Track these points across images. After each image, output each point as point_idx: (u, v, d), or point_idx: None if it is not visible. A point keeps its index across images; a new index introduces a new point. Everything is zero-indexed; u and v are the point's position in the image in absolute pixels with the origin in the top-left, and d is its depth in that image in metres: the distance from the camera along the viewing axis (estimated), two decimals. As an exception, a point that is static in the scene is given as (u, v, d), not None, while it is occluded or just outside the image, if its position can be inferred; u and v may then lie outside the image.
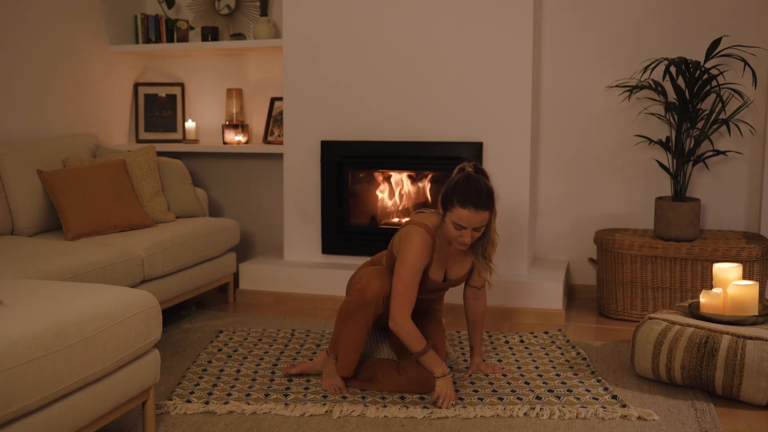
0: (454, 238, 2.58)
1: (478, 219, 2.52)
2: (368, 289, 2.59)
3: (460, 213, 2.51)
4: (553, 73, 4.12)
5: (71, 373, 1.92)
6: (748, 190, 3.91)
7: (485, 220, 2.55)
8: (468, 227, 2.53)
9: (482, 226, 2.57)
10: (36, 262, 2.82)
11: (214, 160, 4.76)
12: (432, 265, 2.68)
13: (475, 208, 2.51)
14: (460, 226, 2.53)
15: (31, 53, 3.92)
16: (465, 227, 2.53)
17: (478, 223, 2.54)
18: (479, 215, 2.52)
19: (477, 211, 2.51)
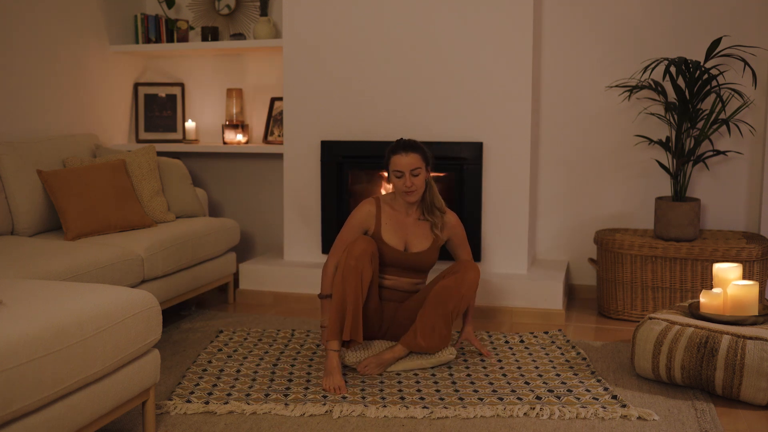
0: (400, 188, 2.94)
1: (409, 160, 2.91)
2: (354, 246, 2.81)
3: (394, 160, 2.93)
4: (553, 73, 4.12)
5: (71, 373, 1.92)
6: (748, 190, 3.91)
7: (418, 161, 2.92)
8: (405, 170, 2.90)
9: (417, 168, 2.91)
10: (36, 262, 2.82)
11: (214, 160, 4.76)
12: (384, 229, 2.99)
13: (404, 151, 2.92)
14: (399, 172, 2.92)
15: (31, 53, 3.92)
16: (403, 171, 2.90)
17: (412, 164, 2.90)
18: (409, 156, 2.91)
19: (406, 153, 2.92)
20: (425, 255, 3.03)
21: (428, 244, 3.03)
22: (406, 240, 3.03)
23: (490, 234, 3.90)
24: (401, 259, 3.00)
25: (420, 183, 2.95)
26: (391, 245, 2.99)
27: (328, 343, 2.79)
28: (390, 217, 3.03)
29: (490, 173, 3.86)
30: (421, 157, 2.95)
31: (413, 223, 3.05)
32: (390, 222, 3.02)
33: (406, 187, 2.93)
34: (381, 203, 3.05)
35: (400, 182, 2.94)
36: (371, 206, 3.04)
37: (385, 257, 2.98)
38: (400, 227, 3.02)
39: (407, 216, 3.05)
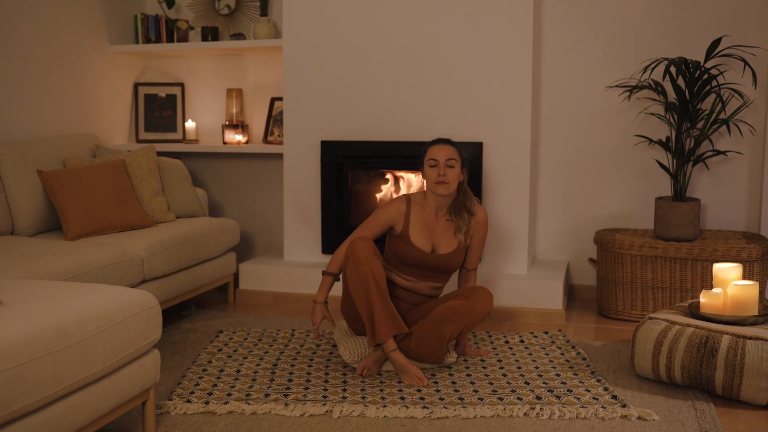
0: (432, 178, 2.92)
1: (445, 151, 2.93)
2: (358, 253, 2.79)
3: (430, 151, 2.96)
4: (553, 73, 4.12)
5: (71, 373, 1.92)
6: (748, 190, 3.91)
7: (454, 154, 2.94)
8: (440, 160, 2.91)
9: (452, 160, 2.92)
10: (36, 262, 2.82)
11: (214, 160, 4.76)
12: (412, 229, 2.96)
13: (442, 143, 2.98)
14: (434, 160, 2.92)
15: (31, 53, 3.92)
16: (438, 160, 2.91)
17: (447, 155, 2.92)
18: (446, 148, 2.95)
19: (444, 144, 2.97)
20: (451, 257, 2.99)
21: (455, 246, 3.00)
22: (434, 241, 2.99)
23: (490, 234, 3.89)
24: (427, 261, 2.96)
25: (453, 177, 2.92)
26: (418, 246, 2.95)
27: (386, 346, 2.78)
28: (419, 218, 2.99)
29: (490, 173, 3.86)
30: (458, 153, 2.96)
31: (442, 225, 3.01)
32: (419, 222, 2.98)
33: (439, 176, 2.89)
34: (412, 202, 3.01)
35: (433, 171, 2.91)
36: (402, 204, 3.00)
37: (410, 258, 2.95)
38: (428, 228, 2.99)
39: (436, 218, 3.01)
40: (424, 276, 3.01)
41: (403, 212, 2.99)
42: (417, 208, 3.00)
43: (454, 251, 2.99)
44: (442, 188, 2.91)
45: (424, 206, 3.02)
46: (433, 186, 2.93)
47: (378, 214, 3.02)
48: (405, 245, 2.95)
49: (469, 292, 2.89)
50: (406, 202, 3.01)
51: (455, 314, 2.81)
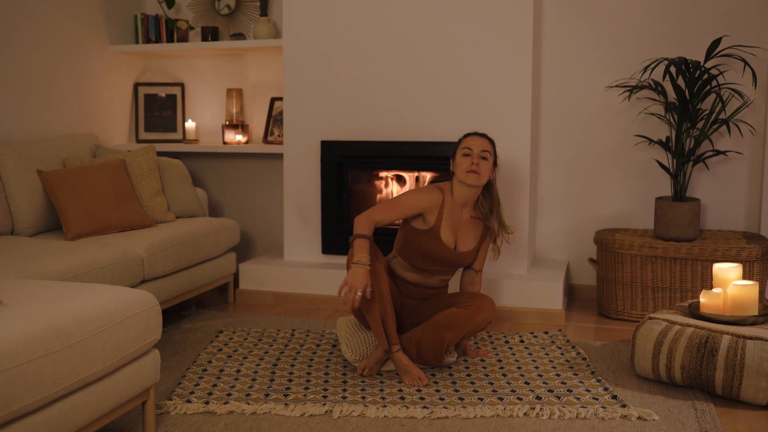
0: (465, 167, 2.87)
1: (481, 143, 2.91)
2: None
3: (466, 141, 2.94)
4: (553, 73, 4.12)
5: (71, 373, 1.92)
6: (748, 190, 3.91)
7: (488, 146, 2.93)
8: (474, 150, 2.88)
9: (487, 152, 2.90)
10: (36, 262, 2.82)
11: (214, 160, 4.76)
12: (443, 224, 2.91)
13: (477, 135, 2.96)
14: (468, 149, 2.89)
15: (32, 53, 3.92)
16: (472, 149, 2.88)
17: (482, 146, 2.90)
18: (482, 140, 2.93)
19: (479, 137, 2.95)
20: (468, 255, 2.99)
21: (474, 244, 2.99)
22: (457, 238, 2.96)
23: (490, 234, 3.90)
24: (448, 257, 2.94)
25: (485, 169, 2.88)
26: (444, 243, 2.91)
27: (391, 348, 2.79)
28: (449, 213, 2.94)
29: (490, 173, 3.86)
30: (493, 147, 2.94)
31: (466, 221, 2.98)
32: (448, 218, 2.93)
33: (471, 165, 2.85)
34: (445, 196, 2.94)
35: (465, 160, 2.87)
36: (438, 196, 2.92)
37: (434, 254, 2.92)
38: (454, 224, 2.95)
39: (462, 213, 2.97)
40: (438, 271, 2.99)
41: (438, 205, 2.91)
42: (448, 202, 2.94)
43: (473, 250, 3.00)
44: (473, 177, 2.86)
45: (452, 200, 2.96)
46: (464, 175, 2.87)
47: (408, 199, 2.91)
48: (432, 240, 2.90)
49: (471, 301, 2.87)
50: (441, 194, 2.93)
51: (456, 322, 2.80)
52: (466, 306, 2.84)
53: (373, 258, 2.75)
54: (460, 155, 2.91)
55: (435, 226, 2.90)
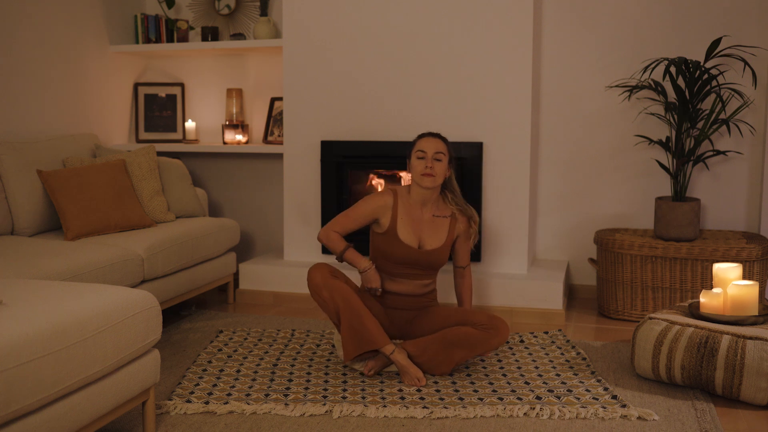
0: (419, 170, 2.90)
1: (434, 144, 2.92)
2: (309, 276, 2.85)
3: (420, 143, 2.95)
4: (553, 73, 4.12)
5: (71, 373, 1.92)
6: (748, 190, 3.92)
7: (442, 147, 2.93)
8: (428, 152, 2.90)
9: (440, 153, 2.91)
10: (36, 262, 2.82)
11: (214, 160, 4.76)
12: (400, 224, 2.93)
13: (431, 136, 2.97)
14: (422, 152, 2.91)
15: (31, 53, 3.92)
16: (426, 152, 2.90)
17: (436, 148, 2.91)
18: (435, 141, 2.94)
19: (432, 137, 2.96)
20: (438, 253, 2.96)
21: (442, 242, 2.97)
22: (420, 237, 2.96)
23: (490, 234, 3.90)
24: (414, 257, 2.93)
25: (440, 170, 2.90)
26: (405, 242, 2.92)
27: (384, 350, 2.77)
28: (406, 213, 2.96)
29: (490, 173, 3.86)
30: (447, 147, 2.94)
31: (428, 220, 2.98)
32: (405, 217, 2.95)
33: (426, 168, 2.87)
34: (398, 196, 2.98)
35: (420, 163, 2.89)
36: (389, 198, 2.96)
37: (397, 255, 2.92)
38: (414, 223, 2.96)
39: (422, 212, 2.98)
40: (412, 274, 2.97)
41: (390, 206, 2.95)
42: (403, 203, 2.97)
43: (442, 247, 2.97)
44: (428, 180, 2.89)
45: (409, 201, 2.98)
46: (419, 178, 2.90)
47: (362, 205, 2.98)
48: (392, 241, 2.92)
49: (489, 323, 2.80)
50: (392, 195, 2.97)
51: (469, 342, 2.78)
52: (484, 328, 2.79)
53: (329, 276, 2.80)
54: (414, 158, 2.92)
55: (391, 227, 2.93)
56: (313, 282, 2.82)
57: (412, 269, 2.96)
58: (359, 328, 2.74)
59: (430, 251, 2.94)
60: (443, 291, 3.81)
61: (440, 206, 3.02)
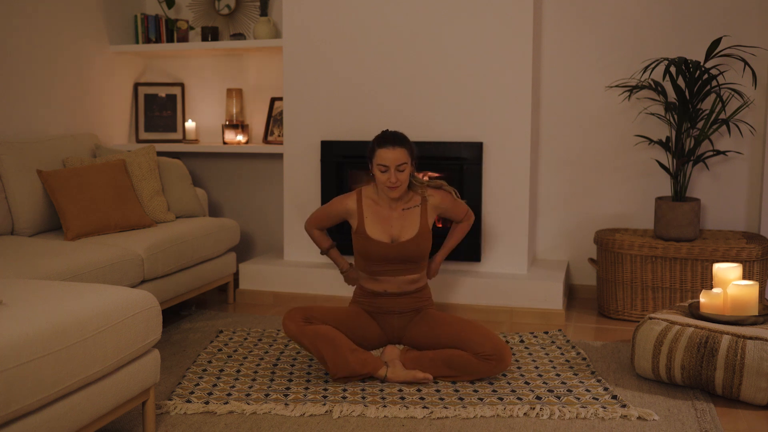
0: (384, 183, 2.84)
1: (396, 155, 2.81)
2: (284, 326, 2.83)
3: (380, 154, 2.83)
4: (553, 73, 4.12)
5: (71, 373, 1.92)
6: (748, 190, 3.92)
7: (404, 156, 2.84)
8: (390, 165, 2.81)
9: (403, 164, 2.83)
10: (36, 262, 2.82)
11: (214, 160, 4.76)
12: (368, 223, 2.91)
13: (391, 146, 2.83)
14: (384, 167, 2.82)
15: (31, 53, 3.92)
16: (388, 166, 2.81)
17: (398, 159, 2.81)
18: (396, 151, 2.82)
19: (393, 147, 2.82)
20: (414, 243, 2.89)
21: (416, 231, 2.91)
22: (392, 232, 2.92)
23: (490, 234, 3.90)
24: (389, 252, 2.88)
25: (404, 178, 2.86)
26: (375, 239, 2.89)
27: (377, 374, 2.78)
28: (373, 211, 2.93)
29: (490, 173, 3.86)
30: (408, 152, 2.87)
31: (398, 215, 2.94)
32: (372, 215, 2.93)
33: (391, 183, 2.83)
34: (362, 197, 2.96)
35: (384, 177, 2.84)
36: (352, 201, 2.96)
37: (373, 253, 2.89)
38: (384, 220, 2.92)
39: (390, 209, 2.95)
40: (394, 270, 2.91)
41: (354, 209, 2.95)
42: (369, 202, 2.95)
43: (417, 236, 2.90)
44: (394, 193, 2.86)
45: (377, 200, 2.95)
46: (385, 189, 2.87)
47: (332, 205, 3.03)
48: (363, 240, 2.91)
49: (492, 353, 2.71)
50: (356, 197, 2.96)
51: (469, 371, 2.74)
52: (487, 359, 2.72)
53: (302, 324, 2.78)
54: (376, 169, 2.86)
55: (359, 227, 2.93)
56: (289, 333, 2.79)
57: (392, 265, 2.91)
58: (347, 365, 2.73)
59: (405, 242, 2.89)
60: (443, 291, 3.81)
61: (408, 198, 2.96)
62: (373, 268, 2.94)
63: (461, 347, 2.76)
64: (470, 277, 3.81)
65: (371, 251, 2.90)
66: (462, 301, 3.79)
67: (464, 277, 3.81)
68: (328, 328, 2.78)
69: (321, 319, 2.82)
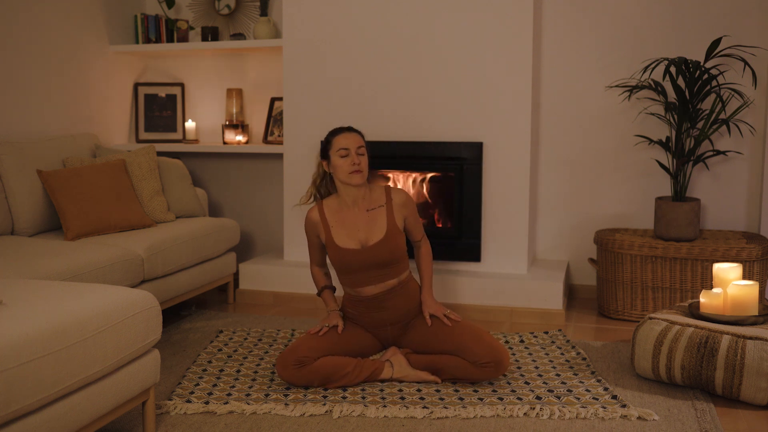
0: (346, 169, 2.78)
1: (354, 139, 2.82)
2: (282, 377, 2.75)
3: (337, 140, 2.82)
4: (553, 72, 4.12)
5: (71, 373, 1.92)
6: (748, 190, 3.92)
7: (361, 141, 2.84)
8: (351, 148, 2.79)
9: (362, 147, 2.82)
10: (36, 262, 2.82)
11: (214, 160, 4.76)
12: (334, 232, 2.84)
13: (347, 131, 2.85)
14: (345, 149, 2.79)
15: (31, 53, 3.92)
16: (348, 148, 2.79)
17: (357, 142, 2.81)
18: (353, 135, 2.83)
19: (350, 132, 2.84)
20: (385, 244, 2.78)
21: (384, 231, 2.80)
22: (359, 237, 2.81)
23: (490, 234, 3.90)
24: (362, 258, 2.78)
25: (365, 164, 2.79)
26: (346, 248, 2.79)
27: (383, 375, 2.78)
28: (337, 219, 2.84)
29: (490, 173, 3.86)
30: (363, 139, 2.85)
31: (363, 218, 2.83)
32: (337, 223, 2.83)
33: (354, 165, 2.75)
34: (323, 207, 2.87)
35: (346, 161, 2.76)
36: (315, 213, 2.87)
37: (346, 262, 2.79)
38: (350, 226, 2.82)
39: (354, 212, 2.84)
40: (376, 276, 2.80)
41: (318, 220, 2.86)
42: (331, 211, 2.86)
43: (386, 236, 2.79)
44: (357, 177, 2.77)
45: (339, 206, 2.87)
46: (348, 177, 2.77)
47: (308, 237, 2.94)
48: (334, 250, 2.81)
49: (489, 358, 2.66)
50: (317, 209, 2.88)
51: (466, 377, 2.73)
52: (483, 366, 2.67)
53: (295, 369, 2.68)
54: (336, 157, 2.79)
55: (327, 237, 2.84)
56: (285, 379, 2.70)
57: (370, 271, 2.80)
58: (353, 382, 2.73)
59: (374, 246, 2.78)
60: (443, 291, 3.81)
61: (371, 199, 2.87)
62: (354, 280, 2.83)
63: (457, 355, 2.73)
64: (470, 277, 3.81)
65: (344, 260, 2.80)
66: (462, 301, 3.79)
67: (464, 277, 3.81)
68: (321, 362, 2.68)
69: (313, 356, 2.68)
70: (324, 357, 2.70)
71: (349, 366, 2.72)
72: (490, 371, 2.69)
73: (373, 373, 2.76)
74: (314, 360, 2.68)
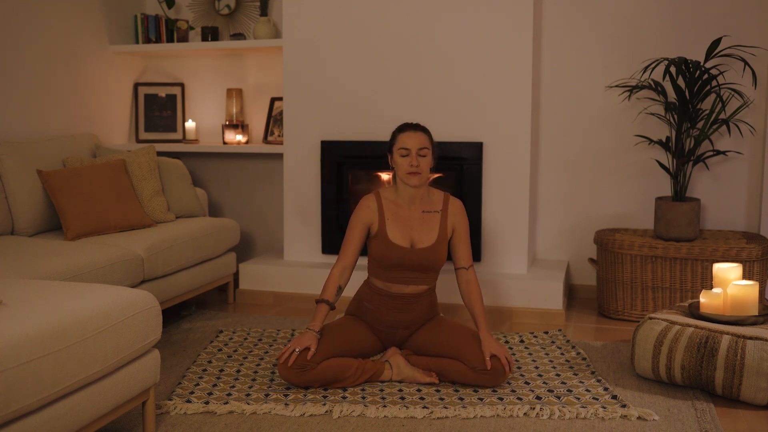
0: (404, 168, 2.77)
1: (417, 138, 2.78)
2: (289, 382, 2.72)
3: (401, 138, 2.79)
4: (553, 72, 4.12)
5: (71, 373, 1.92)
6: (748, 190, 3.92)
7: (426, 142, 2.80)
8: (412, 149, 2.76)
9: (425, 149, 2.78)
10: (36, 262, 2.82)
11: (214, 160, 4.76)
12: (388, 225, 2.81)
13: (412, 130, 2.80)
14: (405, 149, 2.77)
15: (32, 53, 3.92)
16: (409, 149, 2.76)
17: (420, 143, 2.77)
18: (417, 135, 2.79)
19: (415, 131, 2.80)
20: (433, 251, 2.80)
21: (435, 238, 2.81)
22: (411, 236, 2.81)
23: (490, 234, 3.90)
24: (408, 258, 2.78)
25: (425, 166, 2.77)
26: (396, 243, 2.78)
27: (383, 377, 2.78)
28: (393, 213, 2.82)
29: (490, 173, 3.86)
30: (429, 140, 2.81)
31: (418, 218, 2.83)
32: (393, 217, 2.81)
33: (412, 167, 2.73)
34: (381, 197, 2.85)
35: (405, 161, 2.75)
36: (372, 202, 2.84)
37: (390, 257, 2.78)
38: (404, 222, 2.81)
39: (410, 210, 2.84)
40: (409, 278, 2.82)
41: (376, 209, 2.82)
42: (389, 203, 2.84)
43: (435, 244, 2.80)
44: (415, 179, 2.75)
45: (396, 200, 2.85)
46: (405, 177, 2.77)
47: (353, 221, 2.84)
48: (383, 244, 2.79)
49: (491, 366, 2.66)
50: (376, 198, 2.85)
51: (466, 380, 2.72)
52: (483, 372, 2.68)
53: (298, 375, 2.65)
54: (397, 155, 2.78)
55: (380, 229, 2.80)
56: (291, 382, 2.69)
57: (408, 272, 2.81)
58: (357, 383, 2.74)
59: (423, 249, 2.79)
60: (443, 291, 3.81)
61: (429, 201, 2.87)
62: (390, 275, 2.83)
63: (459, 359, 2.72)
64: (470, 277, 3.80)
65: (391, 256, 2.79)
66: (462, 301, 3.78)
67: (464, 277, 3.81)
68: (324, 366, 2.66)
69: (316, 359, 2.66)
70: (326, 360, 2.69)
71: (351, 369, 2.71)
72: (489, 378, 2.69)
73: (374, 374, 2.77)
74: (317, 364, 2.67)
